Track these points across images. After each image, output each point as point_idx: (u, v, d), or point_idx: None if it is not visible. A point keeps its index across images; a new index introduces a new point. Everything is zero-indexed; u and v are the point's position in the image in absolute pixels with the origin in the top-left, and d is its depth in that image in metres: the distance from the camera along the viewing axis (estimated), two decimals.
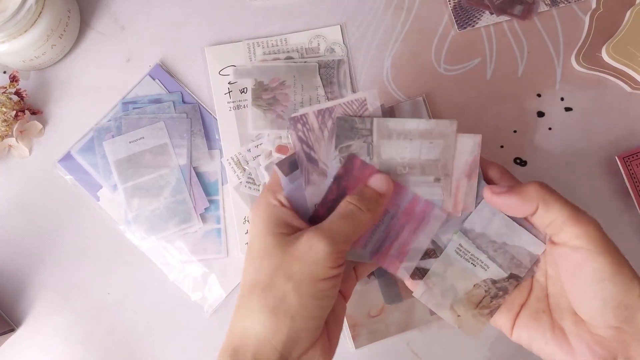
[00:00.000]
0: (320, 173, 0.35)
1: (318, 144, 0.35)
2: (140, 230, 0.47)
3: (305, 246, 0.30)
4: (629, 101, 0.49)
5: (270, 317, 0.30)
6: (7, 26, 0.43)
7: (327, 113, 0.35)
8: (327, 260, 0.30)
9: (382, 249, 0.35)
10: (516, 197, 0.32)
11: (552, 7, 0.51)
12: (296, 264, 0.30)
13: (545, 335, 0.32)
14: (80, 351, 0.47)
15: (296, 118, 0.35)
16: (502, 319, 0.35)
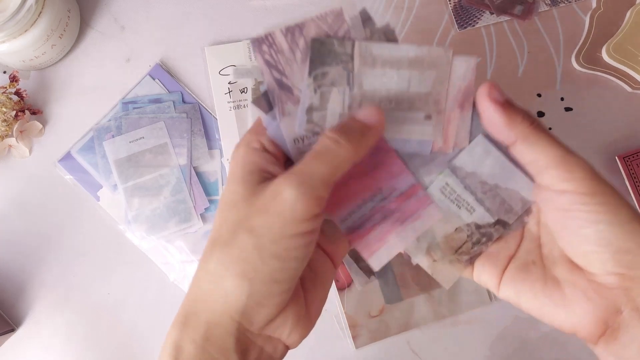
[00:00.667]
0: (295, 101, 0.30)
1: (290, 68, 0.30)
2: (140, 230, 0.47)
3: (271, 195, 0.25)
4: (629, 101, 0.49)
5: (228, 279, 0.25)
6: (7, 26, 0.43)
7: (297, 31, 0.29)
8: (295, 210, 0.25)
9: (361, 229, 0.31)
10: (502, 116, 0.27)
11: (553, 7, 0.51)
12: (259, 217, 0.25)
13: (534, 288, 0.29)
14: (81, 351, 0.47)
15: (260, 39, 0.29)
16: (487, 274, 0.31)
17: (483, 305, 0.47)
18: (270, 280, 0.25)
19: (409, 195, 0.31)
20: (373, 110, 0.28)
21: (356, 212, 0.31)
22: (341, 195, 0.31)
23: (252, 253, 0.25)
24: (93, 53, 0.51)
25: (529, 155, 0.27)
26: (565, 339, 0.47)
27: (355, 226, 0.31)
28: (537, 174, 0.28)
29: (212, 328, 0.26)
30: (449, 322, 0.47)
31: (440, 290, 0.47)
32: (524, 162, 0.28)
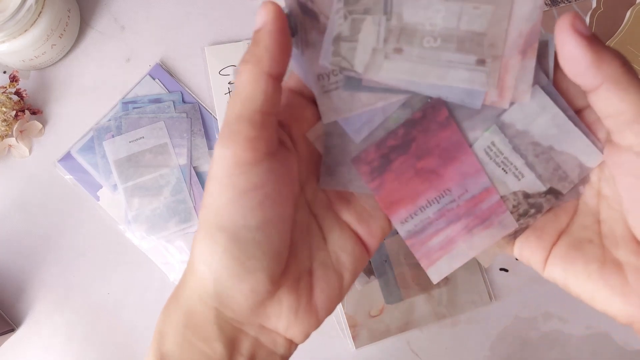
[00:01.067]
0: (322, 30, 0.24)
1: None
2: (140, 230, 0.47)
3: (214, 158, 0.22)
4: None
5: (196, 259, 0.22)
6: (7, 26, 0.43)
7: None
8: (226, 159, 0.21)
9: (422, 234, 0.27)
10: (588, 52, 0.21)
11: (553, 7, 0.51)
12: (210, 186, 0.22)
13: (588, 269, 0.24)
14: (81, 351, 0.47)
15: None
16: (532, 250, 0.26)
17: (483, 305, 0.47)
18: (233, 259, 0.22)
19: (482, 200, 0.27)
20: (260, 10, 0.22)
21: (419, 214, 0.27)
22: (402, 194, 0.27)
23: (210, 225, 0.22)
24: (93, 53, 0.51)
25: (614, 104, 0.22)
26: (565, 339, 0.47)
27: (417, 230, 0.27)
28: (618, 130, 0.22)
29: (190, 315, 0.23)
30: (449, 322, 0.47)
31: (440, 290, 0.47)
32: (604, 114, 0.23)
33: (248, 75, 0.21)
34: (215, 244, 0.22)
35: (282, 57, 0.22)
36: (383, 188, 0.27)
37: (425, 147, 0.26)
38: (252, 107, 0.21)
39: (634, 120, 0.21)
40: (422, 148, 0.26)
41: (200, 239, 0.22)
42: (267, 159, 0.22)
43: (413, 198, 0.27)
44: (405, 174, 0.27)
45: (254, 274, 0.22)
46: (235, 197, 0.21)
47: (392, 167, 0.27)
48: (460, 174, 0.27)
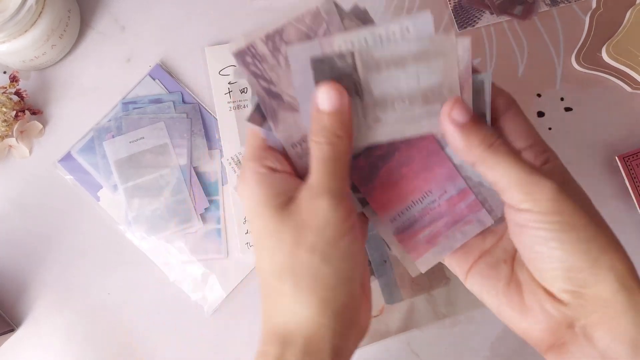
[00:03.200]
0: (287, 108, 0.29)
1: (276, 74, 0.29)
2: (140, 230, 0.47)
3: (310, 213, 0.27)
4: (629, 101, 0.49)
5: (309, 296, 0.27)
6: (7, 26, 0.43)
7: (277, 36, 0.29)
8: (337, 216, 0.27)
9: (409, 230, 0.31)
10: (460, 139, 0.27)
11: (552, 7, 0.51)
12: (311, 234, 0.27)
13: (497, 286, 0.29)
14: (80, 351, 0.47)
15: (242, 51, 0.29)
16: (457, 262, 0.32)
17: (483, 305, 0.47)
18: (347, 281, 0.27)
19: (460, 199, 0.31)
20: (330, 92, 0.28)
21: (405, 213, 0.31)
22: (391, 196, 0.31)
23: (322, 266, 0.27)
24: (93, 53, 0.51)
25: (487, 176, 0.27)
26: None
27: (405, 227, 0.31)
28: (499, 192, 0.28)
29: (309, 343, 0.27)
30: (449, 322, 0.47)
31: (440, 290, 0.47)
32: (487, 182, 0.29)
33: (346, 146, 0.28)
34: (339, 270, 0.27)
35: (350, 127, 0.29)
36: (374, 192, 0.31)
37: (408, 155, 0.31)
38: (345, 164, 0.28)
39: (506, 188, 0.27)
40: (405, 156, 0.31)
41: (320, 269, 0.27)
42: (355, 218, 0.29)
43: (400, 199, 0.31)
44: (391, 178, 0.31)
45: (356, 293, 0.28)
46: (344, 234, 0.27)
47: (380, 174, 0.31)
48: (439, 178, 0.31)
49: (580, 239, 0.26)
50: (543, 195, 0.26)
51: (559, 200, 0.26)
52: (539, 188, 0.26)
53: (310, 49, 0.28)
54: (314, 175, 0.28)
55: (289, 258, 0.27)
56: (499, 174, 0.27)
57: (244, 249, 0.48)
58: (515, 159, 0.27)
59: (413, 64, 0.29)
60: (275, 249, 0.28)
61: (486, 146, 0.27)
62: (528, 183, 0.26)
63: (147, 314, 0.48)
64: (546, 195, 0.26)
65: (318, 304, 0.27)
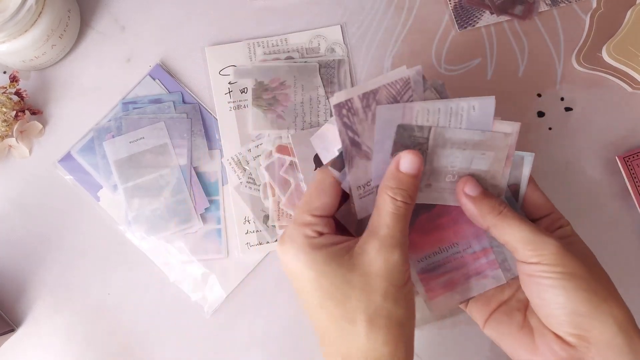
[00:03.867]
0: (363, 156, 0.34)
1: (362, 127, 0.33)
2: (140, 230, 0.47)
3: (381, 262, 0.31)
4: (629, 101, 0.49)
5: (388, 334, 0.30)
6: (7, 26, 0.43)
7: (372, 96, 0.33)
8: (402, 267, 0.31)
9: (432, 272, 0.36)
10: (474, 209, 0.33)
11: (553, 7, 0.51)
12: (379, 281, 0.30)
13: (512, 332, 0.34)
14: (80, 351, 0.47)
15: (341, 104, 0.33)
16: (477, 312, 0.36)
17: None
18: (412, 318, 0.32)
19: (481, 256, 0.36)
20: (414, 159, 0.33)
21: (432, 257, 0.36)
22: (424, 240, 0.36)
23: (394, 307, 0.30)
24: (93, 53, 0.51)
25: (500, 238, 0.33)
26: None
27: (428, 269, 0.36)
28: (511, 252, 0.33)
29: None
30: (449, 322, 0.47)
31: None
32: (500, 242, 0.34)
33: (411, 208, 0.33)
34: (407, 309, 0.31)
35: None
36: (410, 233, 0.34)
37: (444, 209, 0.35)
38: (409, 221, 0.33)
39: (516, 247, 0.32)
40: (442, 209, 0.35)
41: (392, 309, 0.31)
42: None
43: (430, 244, 0.36)
44: (427, 226, 0.36)
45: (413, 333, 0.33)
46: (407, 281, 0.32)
47: (419, 220, 0.36)
48: (467, 233, 0.36)
49: (582, 287, 0.30)
50: (547, 250, 0.30)
51: (561, 254, 0.30)
52: (544, 245, 0.31)
53: (395, 110, 0.33)
54: (386, 229, 0.31)
55: (363, 303, 0.30)
56: (509, 235, 0.32)
57: (244, 249, 0.48)
58: (521, 222, 0.32)
59: (471, 150, 0.34)
60: (341, 299, 0.31)
61: (496, 214, 0.32)
62: (534, 241, 0.31)
63: (147, 314, 0.48)
64: (550, 250, 0.30)
65: (394, 340, 0.30)
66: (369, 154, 0.34)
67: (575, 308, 0.30)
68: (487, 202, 0.33)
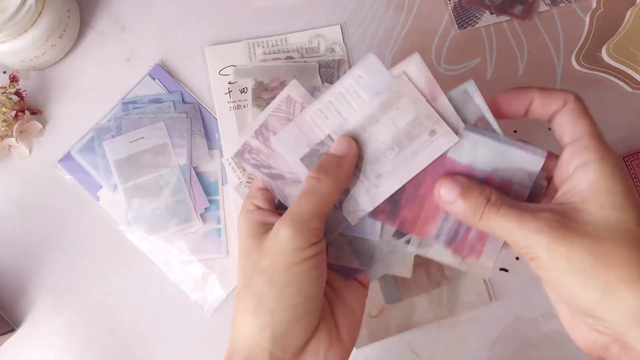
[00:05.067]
0: (291, 183, 0.34)
1: (274, 160, 0.34)
2: (140, 230, 0.47)
3: (271, 238, 0.30)
4: (629, 101, 0.49)
5: (253, 316, 0.30)
6: (7, 26, 0.43)
7: (264, 129, 0.34)
8: (292, 242, 0.29)
9: (457, 237, 0.32)
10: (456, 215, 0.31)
11: (553, 7, 0.51)
12: (266, 257, 0.30)
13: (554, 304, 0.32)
14: (80, 351, 0.47)
15: (240, 151, 0.34)
16: None
17: (483, 305, 0.47)
18: (290, 307, 0.29)
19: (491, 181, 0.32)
20: (342, 141, 0.32)
21: (444, 225, 0.33)
22: (423, 218, 0.33)
23: (266, 288, 0.29)
24: (93, 53, 0.51)
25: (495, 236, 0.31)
26: (565, 340, 0.47)
27: (451, 237, 0.33)
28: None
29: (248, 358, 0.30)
30: (449, 322, 0.47)
31: (440, 290, 0.47)
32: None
33: (330, 187, 0.31)
34: (281, 295, 0.29)
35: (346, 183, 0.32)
36: (405, 222, 0.32)
37: (419, 177, 0.32)
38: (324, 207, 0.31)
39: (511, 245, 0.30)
40: (415, 180, 0.32)
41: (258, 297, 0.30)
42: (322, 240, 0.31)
43: (432, 216, 0.32)
44: (414, 203, 0.32)
45: (303, 320, 0.30)
46: (295, 263, 0.29)
47: (401, 203, 0.33)
48: None
49: (582, 279, 0.26)
50: (538, 247, 0.27)
51: (553, 246, 0.27)
52: (533, 242, 0.27)
53: (289, 132, 0.33)
54: (292, 205, 0.30)
55: (246, 279, 0.31)
56: (497, 234, 0.29)
57: None
58: (506, 220, 0.28)
59: (384, 115, 0.32)
60: (242, 270, 0.32)
61: (478, 218, 0.29)
62: (520, 241, 0.28)
63: (147, 314, 0.48)
64: (541, 247, 0.27)
65: (259, 326, 0.29)
66: (296, 179, 0.34)
67: (580, 303, 0.27)
68: (468, 205, 0.29)
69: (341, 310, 0.33)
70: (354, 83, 0.32)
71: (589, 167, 0.27)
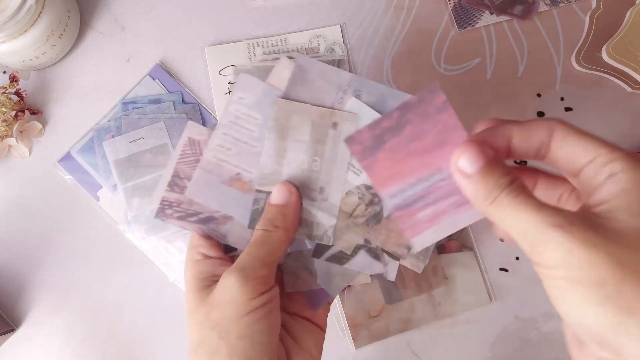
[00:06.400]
0: (224, 220, 0.34)
1: (197, 205, 0.34)
2: (140, 230, 0.47)
3: (219, 290, 0.29)
4: (629, 101, 0.49)
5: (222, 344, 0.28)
6: (7, 26, 0.43)
7: (177, 179, 0.34)
8: (241, 293, 0.28)
9: (409, 208, 0.29)
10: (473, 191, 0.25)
11: (552, 7, 0.51)
12: (215, 311, 0.29)
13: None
14: (80, 351, 0.47)
15: (160, 210, 0.34)
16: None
17: (483, 305, 0.47)
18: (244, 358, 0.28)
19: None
20: (281, 189, 0.32)
21: (408, 190, 0.29)
22: (393, 172, 0.29)
23: (219, 343, 0.28)
24: (93, 53, 0.51)
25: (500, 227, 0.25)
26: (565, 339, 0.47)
27: (405, 204, 0.29)
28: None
29: None
30: (449, 322, 0.47)
31: (440, 290, 0.47)
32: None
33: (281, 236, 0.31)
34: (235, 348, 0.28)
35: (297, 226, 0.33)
36: (375, 166, 0.28)
37: (421, 129, 0.27)
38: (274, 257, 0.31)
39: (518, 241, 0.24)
40: (417, 130, 0.27)
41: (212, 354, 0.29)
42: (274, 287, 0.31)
43: (404, 175, 0.29)
44: (398, 153, 0.28)
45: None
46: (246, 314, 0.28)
47: (386, 147, 0.28)
48: (448, 159, 0.27)
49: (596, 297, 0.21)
50: (552, 246, 0.22)
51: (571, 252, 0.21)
52: (548, 238, 0.22)
53: (203, 175, 0.33)
54: (243, 253, 0.30)
55: (197, 337, 0.29)
56: (506, 227, 0.24)
57: None
58: (521, 210, 0.23)
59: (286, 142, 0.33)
60: (191, 327, 0.30)
61: (489, 203, 0.24)
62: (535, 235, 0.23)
63: (147, 313, 0.48)
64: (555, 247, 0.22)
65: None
66: (226, 214, 0.34)
67: (593, 326, 0.21)
68: (484, 184, 0.24)
69: (298, 355, 0.32)
70: (240, 107, 0.33)
71: (620, 177, 0.23)
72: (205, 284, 0.31)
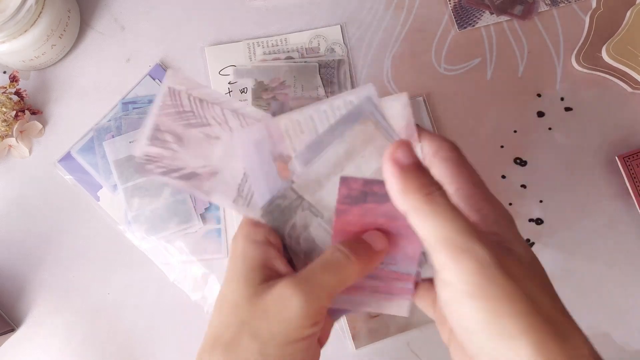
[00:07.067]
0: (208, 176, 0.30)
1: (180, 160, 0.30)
2: (140, 230, 0.47)
3: (276, 300, 0.26)
4: (629, 101, 0.49)
5: None
6: (7, 26, 0.43)
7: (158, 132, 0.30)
8: (300, 319, 0.25)
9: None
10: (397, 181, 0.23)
11: (553, 7, 0.51)
12: (264, 322, 0.26)
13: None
14: (80, 351, 0.47)
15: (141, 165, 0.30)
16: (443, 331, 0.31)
17: None
18: None
19: (400, 279, 0.30)
20: (380, 236, 0.28)
21: None
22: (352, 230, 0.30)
23: (256, 357, 0.26)
24: (93, 53, 0.51)
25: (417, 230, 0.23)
26: None
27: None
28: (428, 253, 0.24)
29: None
30: None
31: None
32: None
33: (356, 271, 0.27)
34: None
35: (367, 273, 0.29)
36: (344, 215, 0.29)
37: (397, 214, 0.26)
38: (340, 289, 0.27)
39: (433, 248, 0.22)
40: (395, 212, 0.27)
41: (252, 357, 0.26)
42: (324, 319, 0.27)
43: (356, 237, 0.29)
44: (367, 217, 0.29)
45: None
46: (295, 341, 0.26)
47: (364, 206, 0.28)
48: (401, 250, 0.29)
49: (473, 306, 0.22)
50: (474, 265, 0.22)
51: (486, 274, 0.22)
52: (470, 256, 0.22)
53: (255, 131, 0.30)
54: (310, 271, 0.26)
55: (231, 334, 0.27)
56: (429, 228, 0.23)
57: None
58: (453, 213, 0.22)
59: (349, 162, 0.29)
60: (227, 319, 0.27)
61: (422, 194, 0.23)
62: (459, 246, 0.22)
63: (147, 314, 0.48)
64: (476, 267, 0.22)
65: None
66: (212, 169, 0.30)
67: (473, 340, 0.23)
68: (418, 177, 0.23)
69: None
70: (342, 106, 0.30)
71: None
72: (256, 276, 0.27)
